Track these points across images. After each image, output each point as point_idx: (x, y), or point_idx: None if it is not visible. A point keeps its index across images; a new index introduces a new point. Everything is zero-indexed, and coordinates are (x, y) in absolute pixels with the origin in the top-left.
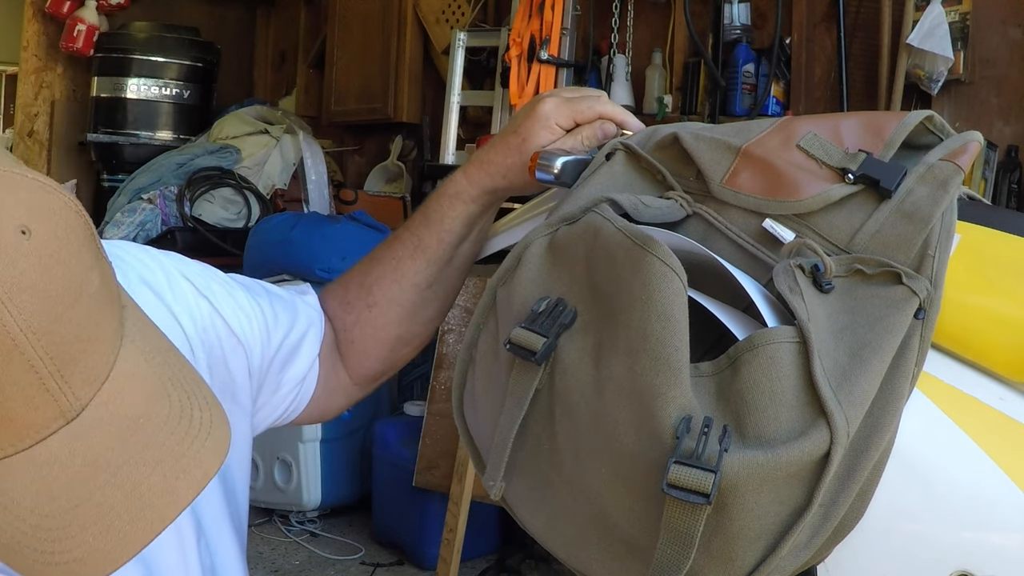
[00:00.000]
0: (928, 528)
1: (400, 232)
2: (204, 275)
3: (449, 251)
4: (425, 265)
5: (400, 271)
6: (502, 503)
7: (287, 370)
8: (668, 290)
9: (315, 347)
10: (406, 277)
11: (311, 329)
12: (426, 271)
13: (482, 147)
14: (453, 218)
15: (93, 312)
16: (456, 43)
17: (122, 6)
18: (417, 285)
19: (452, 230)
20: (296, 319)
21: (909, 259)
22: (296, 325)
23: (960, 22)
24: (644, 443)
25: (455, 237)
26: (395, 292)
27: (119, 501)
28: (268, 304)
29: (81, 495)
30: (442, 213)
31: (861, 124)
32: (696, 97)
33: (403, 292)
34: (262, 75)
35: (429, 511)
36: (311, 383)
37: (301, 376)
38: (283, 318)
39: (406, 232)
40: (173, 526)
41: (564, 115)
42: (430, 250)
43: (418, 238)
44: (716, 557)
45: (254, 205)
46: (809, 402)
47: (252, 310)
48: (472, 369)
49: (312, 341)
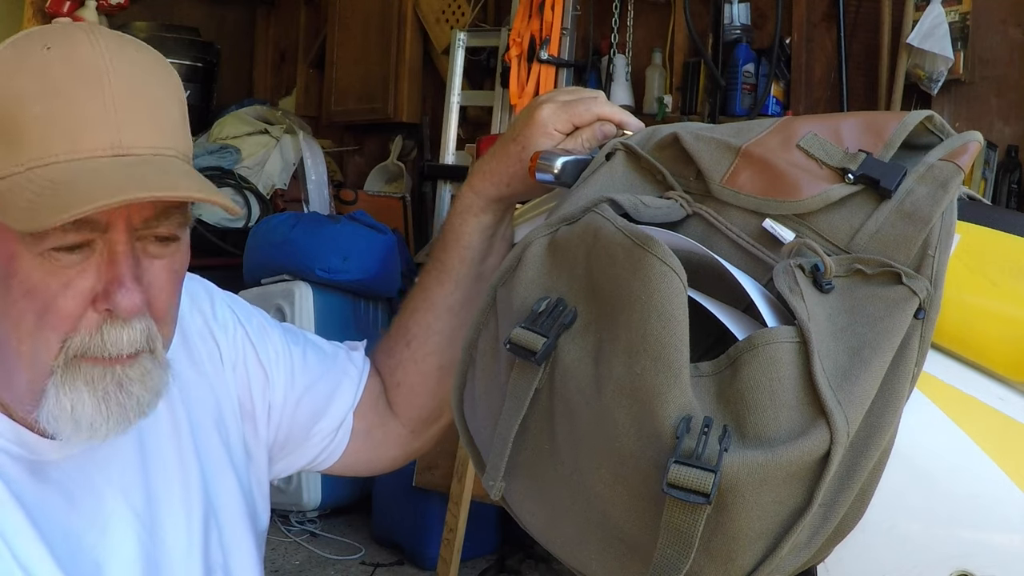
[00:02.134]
0: (928, 528)
1: (426, 264)
2: (247, 309)
3: (474, 267)
4: (454, 288)
5: (430, 300)
6: (502, 503)
7: (317, 423)
8: (668, 290)
9: (348, 400)
10: (438, 304)
11: (345, 381)
12: (456, 293)
13: (483, 156)
14: (468, 233)
15: (169, 108)
16: (456, 43)
17: (122, 6)
18: (451, 308)
19: (471, 245)
20: (329, 370)
21: (909, 259)
22: (328, 376)
23: (960, 22)
24: (644, 443)
25: (475, 252)
26: (430, 320)
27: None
28: (301, 351)
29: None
30: (457, 231)
31: (861, 124)
32: (696, 97)
33: (438, 319)
34: (262, 75)
35: (429, 511)
36: (344, 436)
37: (332, 429)
38: (314, 366)
39: (430, 261)
40: (183, 511)
41: (562, 120)
42: (454, 271)
43: (441, 262)
44: (716, 557)
45: (254, 205)
46: (809, 402)
47: (282, 350)
48: (472, 369)
49: (345, 395)
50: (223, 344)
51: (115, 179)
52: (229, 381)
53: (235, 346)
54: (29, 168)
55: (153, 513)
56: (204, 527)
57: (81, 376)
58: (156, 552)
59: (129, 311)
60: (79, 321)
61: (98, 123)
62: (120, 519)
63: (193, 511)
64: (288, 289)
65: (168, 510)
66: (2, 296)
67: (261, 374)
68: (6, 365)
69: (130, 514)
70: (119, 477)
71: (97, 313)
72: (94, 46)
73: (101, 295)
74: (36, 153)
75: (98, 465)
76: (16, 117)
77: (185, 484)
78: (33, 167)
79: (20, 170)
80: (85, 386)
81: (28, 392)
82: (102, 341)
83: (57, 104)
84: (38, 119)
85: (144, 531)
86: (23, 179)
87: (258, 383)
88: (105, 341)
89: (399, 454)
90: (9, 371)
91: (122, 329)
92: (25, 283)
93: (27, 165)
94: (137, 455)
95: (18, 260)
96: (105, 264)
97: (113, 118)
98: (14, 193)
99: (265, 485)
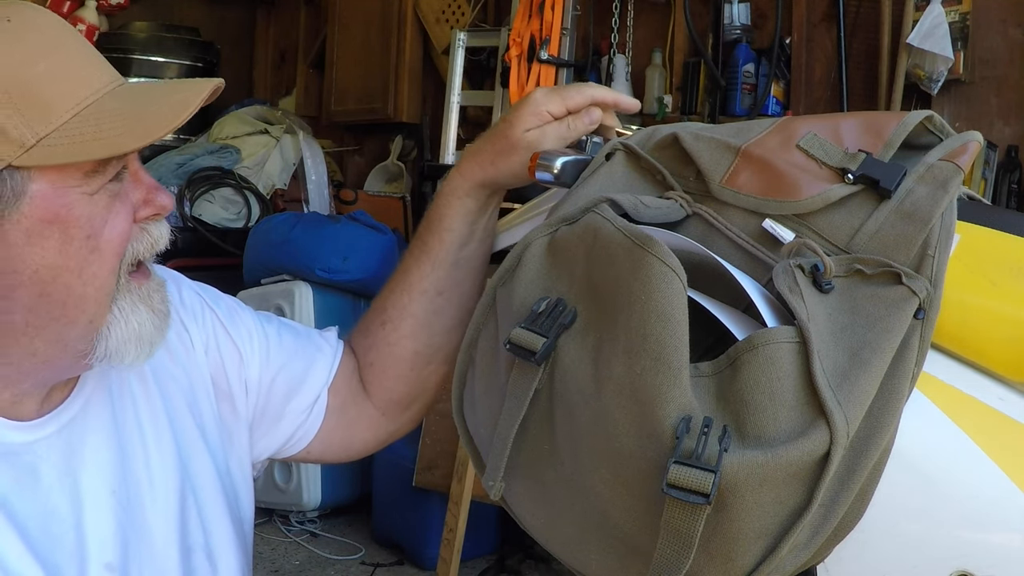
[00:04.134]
0: (928, 528)
1: (410, 245)
2: (215, 294)
3: (452, 252)
4: (431, 269)
5: (407, 280)
6: (502, 503)
7: (291, 400)
8: (668, 290)
9: (323, 376)
10: (414, 285)
11: (319, 358)
12: (432, 275)
13: (474, 141)
14: (451, 216)
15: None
16: (456, 43)
17: (122, 6)
18: (426, 292)
19: (452, 228)
20: (304, 347)
21: (909, 259)
22: (302, 352)
23: (960, 22)
24: (644, 443)
25: (456, 235)
26: (405, 302)
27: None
28: (275, 330)
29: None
30: (440, 212)
31: (861, 124)
32: (696, 97)
33: (413, 301)
34: (262, 75)
35: (429, 511)
36: (319, 413)
37: (307, 405)
38: (288, 343)
39: (412, 242)
40: (161, 489)
41: (555, 101)
42: (433, 252)
43: (422, 242)
44: (716, 557)
45: (254, 205)
46: (809, 402)
47: (255, 329)
48: (472, 369)
49: (319, 371)
50: (193, 329)
51: (168, 93)
52: (202, 364)
53: (205, 329)
54: (76, 114)
55: (130, 492)
56: (181, 506)
57: (136, 296)
58: (134, 530)
59: (170, 205)
60: (128, 238)
61: (94, 65)
62: (97, 498)
63: (170, 490)
64: (288, 289)
65: (145, 488)
66: (59, 250)
67: (235, 353)
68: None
69: (106, 493)
70: (93, 457)
71: (137, 224)
72: (37, 10)
73: (141, 205)
74: (68, 103)
75: (72, 446)
76: (25, 79)
77: (162, 463)
78: (77, 112)
79: (67, 117)
80: (142, 303)
81: (81, 339)
82: (151, 238)
83: (57, 57)
84: (47, 74)
85: (121, 510)
86: (74, 124)
87: (233, 363)
88: (155, 238)
89: (372, 437)
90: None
91: (161, 224)
92: (87, 226)
93: (75, 110)
94: (113, 435)
95: (76, 208)
96: (132, 183)
97: (98, 58)
98: (72, 136)
99: (247, 468)
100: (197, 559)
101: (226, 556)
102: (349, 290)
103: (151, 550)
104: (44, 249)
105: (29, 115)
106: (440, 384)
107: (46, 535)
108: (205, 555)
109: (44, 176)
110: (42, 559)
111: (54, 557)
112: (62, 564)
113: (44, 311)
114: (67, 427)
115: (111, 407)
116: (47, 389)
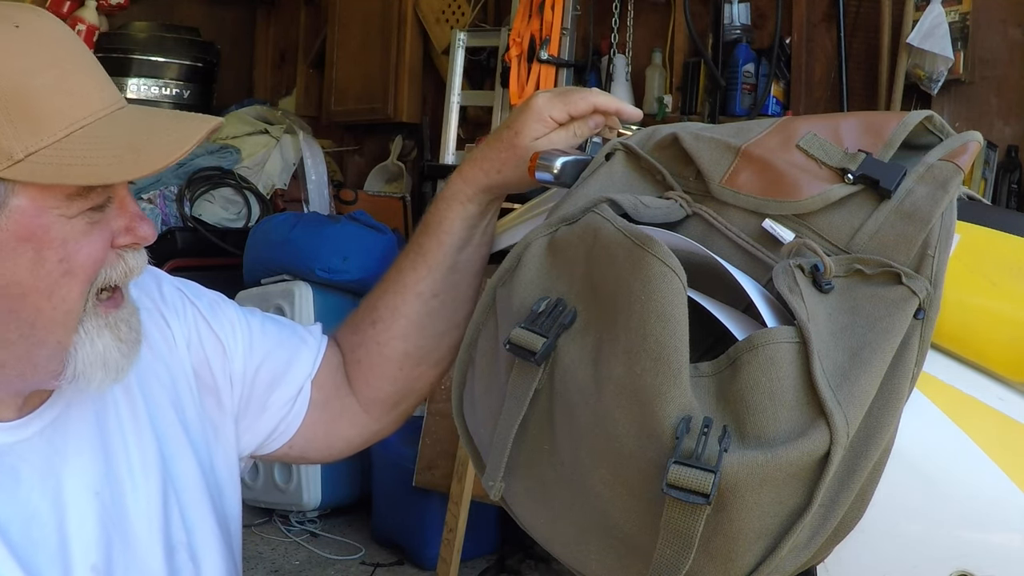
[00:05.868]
0: (928, 528)
1: (404, 248)
2: (196, 289)
3: (450, 256)
4: (427, 272)
5: (402, 282)
6: (502, 503)
7: (275, 391)
8: (667, 290)
9: (306, 368)
10: (408, 287)
11: (303, 349)
12: (428, 278)
13: (477, 146)
14: (451, 220)
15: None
16: (456, 43)
17: (122, 6)
18: (420, 294)
19: (451, 231)
20: (287, 339)
21: (909, 259)
22: (286, 344)
23: (960, 22)
24: (644, 443)
25: (455, 239)
26: (398, 304)
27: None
28: (259, 322)
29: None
30: (440, 216)
31: (861, 124)
32: (696, 97)
33: (406, 303)
34: (262, 75)
35: (429, 511)
36: (302, 405)
37: (290, 397)
38: (272, 335)
39: (409, 244)
40: (143, 489)
41: (558, 108)
42: (430, 255)
43: (419, 245)
44: (716, 557)
45: (254, 205)
46: (809, 402)
47: (238, 321)
48: (472, 369)
49: (303, 363)
50: (175, 324)
51: (167, 127)
52: (184, 360)
53: (187, 324)
54: (69, 134)
55: (113, 493)
56: (164, 505)
57: (102, 322)
58: (118, 531)
59: (151, 237)
60: (102, 264)
61: (96, 84)
62: (79, 500)
63: (152, 489)
64: (288, 289)
65: (128, 488)
66: (31, 269)
67: (218, 346)
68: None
69: (89, 494)
70: (76, 457)
71: (114, 251)
72: (48, 19)
73: (122, 232)
74: (63, 121)
75: (55, 447)
76: (23, 90)
77: (144, 462)
78: (70, 132)
79: (59, 136)
80: (107, 329)
81: (51, 359)
82: (126, 266)
83: (59, 72)
84: (45, 88)
85: (105, 511)
86: (65, 144)
87: (216, 356)
88: (131, 266)
89: (355, 435)
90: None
91: (140, 254)
92: (60, 249)
93: (69, 130)
94: (96, 436)
95: (53, 229)
96: (117, 210)
97: (102, 77)
98: (62, 157)
99: (233, 463)
100: (180, 558)
101: (209, 554)
102: (349, 290)
103: (135, 551)
104: (16, 265)
105: (20, 127)
106: (428, 388)
107: (27, 538)
108: (188, 554)
109: (26, 192)
110: (24, 562)
111: (36, 560)
112: (44, 567)
113: (13, 327)
114: (48, 428)
115: (93, 408)
116: (24, 397)
